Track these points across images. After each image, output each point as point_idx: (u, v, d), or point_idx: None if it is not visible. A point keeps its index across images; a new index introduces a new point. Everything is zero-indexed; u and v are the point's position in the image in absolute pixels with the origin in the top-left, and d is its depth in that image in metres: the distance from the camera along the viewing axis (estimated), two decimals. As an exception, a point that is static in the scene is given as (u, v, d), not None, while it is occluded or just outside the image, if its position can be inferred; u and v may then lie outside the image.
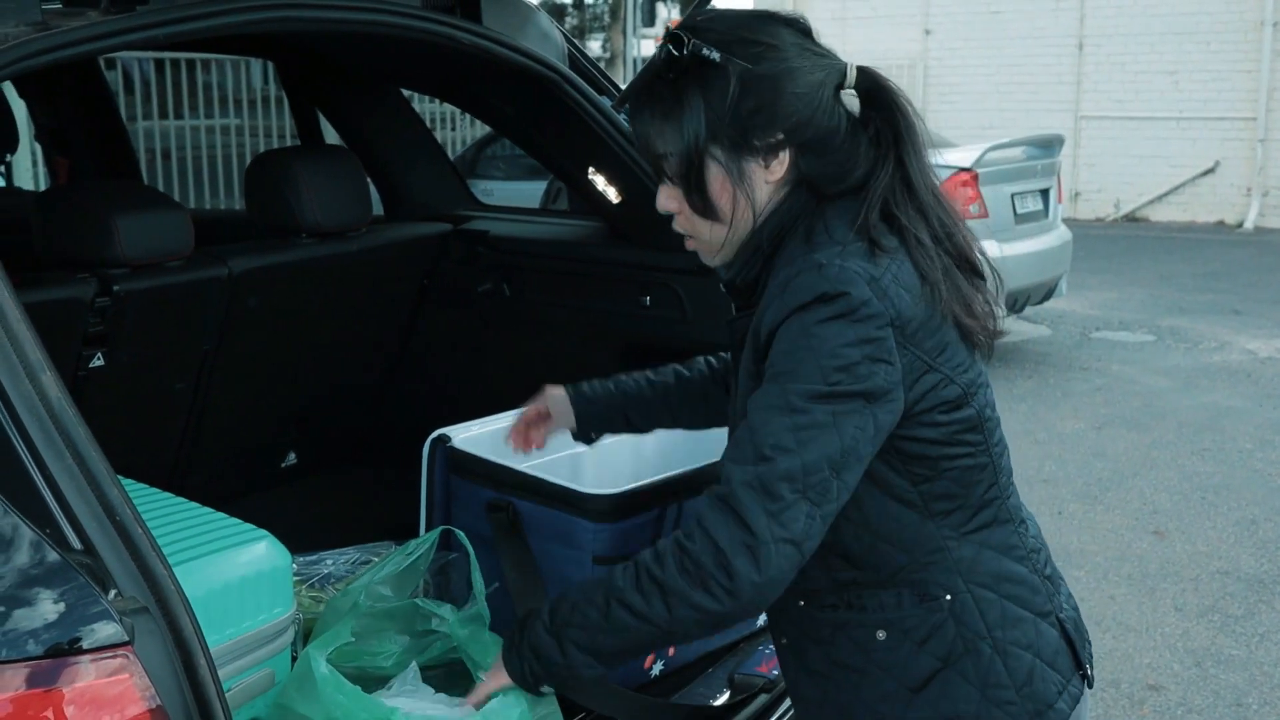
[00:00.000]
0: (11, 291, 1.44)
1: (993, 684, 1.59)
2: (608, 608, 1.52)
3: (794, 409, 1.46)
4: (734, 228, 1.60)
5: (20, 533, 1.31)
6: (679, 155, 1.57)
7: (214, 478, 2.97)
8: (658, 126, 1.58)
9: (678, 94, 1.55)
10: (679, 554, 1.47)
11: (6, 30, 1.74)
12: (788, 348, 1.48)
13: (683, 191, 1.60)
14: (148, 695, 1.30)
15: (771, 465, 1.45)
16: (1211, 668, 3.98)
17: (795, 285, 1.49)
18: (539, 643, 1.59)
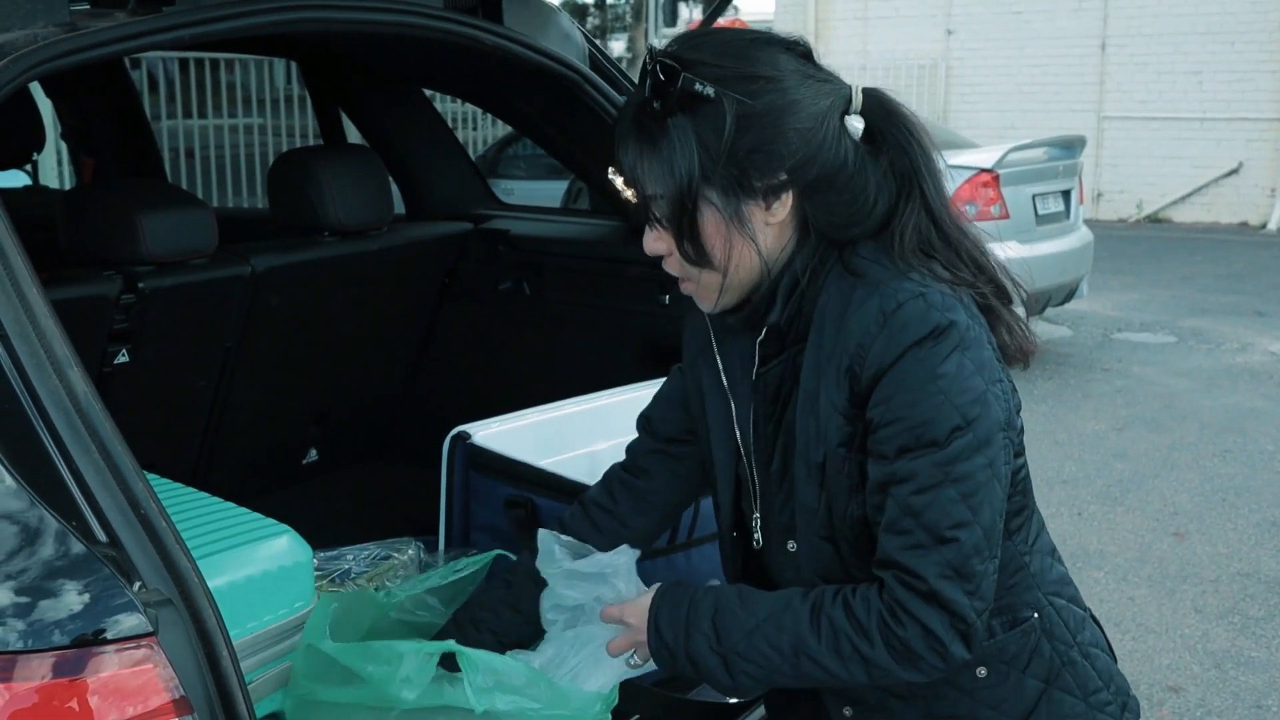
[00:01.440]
0: (39, 288, 1.46)
1: (1091, 690, 1.57)
2: (796, 660, 1.46)
3: (954, 478, 1.38)
4: (730, 275, 1.48)
5: (47, 525, 1.33)
6: (669, 198, 1.44)
7: (236, 474, 3.00)
8: (645, 165, 1.44)
9: (666, 130, 1.42)
10: (887, 634, 1.41)
11: (35, 31, 1.76)
12: (914, 396, 1.38)
13: (673, 237, 1.47)
14: (171, 686, 1.31)
15: (958, 546, 1.38)
16: (1231, 669, 3.97)
17: (903, 317, 1.39)
18: (700, 658, 1.51)
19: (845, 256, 1.47)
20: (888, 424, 1.40)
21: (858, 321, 1.41)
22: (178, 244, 2.54)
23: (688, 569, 2.17)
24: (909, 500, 1.39)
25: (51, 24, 1.80)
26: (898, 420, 1.39)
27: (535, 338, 3.22)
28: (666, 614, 1.54)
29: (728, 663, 1.49)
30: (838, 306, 1.45)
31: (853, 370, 1.42)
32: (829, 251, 1.48)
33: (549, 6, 2.70)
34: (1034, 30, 16.47)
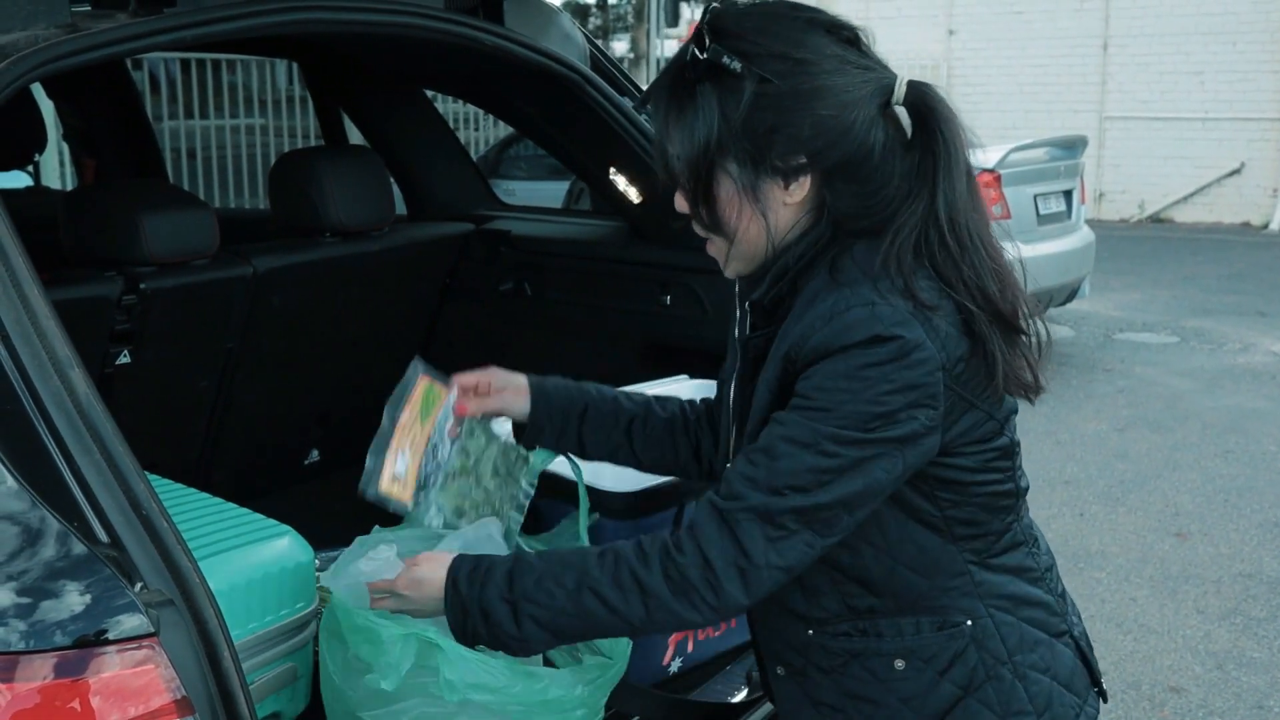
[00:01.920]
0: (41, 289, 1.46)
1: (1014, 710, 1.55)
2: (578, 594, 1.48)
3: (821, 451, 1.41)
4: (737, 245, 1.53)
5: (49, 526, 1.33)
6: (686, 161, 1.49)
7: (237, 474, 3.00)
8: (672, 125, 1.49)
9: (694, 96, 1.46)
10: (666, 561, 1.45)
11: (37, 32, 1.77)
12: (828, 384, 1.41)
13: (689, 200, 1.52)
14: (172, 686, 1.32)
15: (783, 500, 1.42)
16: (1233, 670, 3.97)
17: (846, 321, 1.41)
18: (492, 608, 1.52)
19: (836, 253, 1.48)
20: (800, 395, 1.44)
21: (810, 316, 1.45)
22: (179, 245, 2.55)
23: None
24: (775, 442, 1.44)
25: (53, 25, 1.80)
26: (807, 396, 1.43)
27: (536, 338, 3.22)
28: (465, 570, 1.57)
29: (516, 609, 1.51)
30: (807, 299, 1.48)
31: (789, 355, 1.46)
32: (830, 242, 1.49)
33: (550, 7, 2.71)
34: (1036, 30, 16.47)
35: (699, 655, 2.27)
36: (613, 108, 2.72)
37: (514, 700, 1.65)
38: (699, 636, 2.25)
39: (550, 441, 1.88)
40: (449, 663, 1.63)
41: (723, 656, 2.32)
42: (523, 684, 1.66)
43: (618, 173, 2.92)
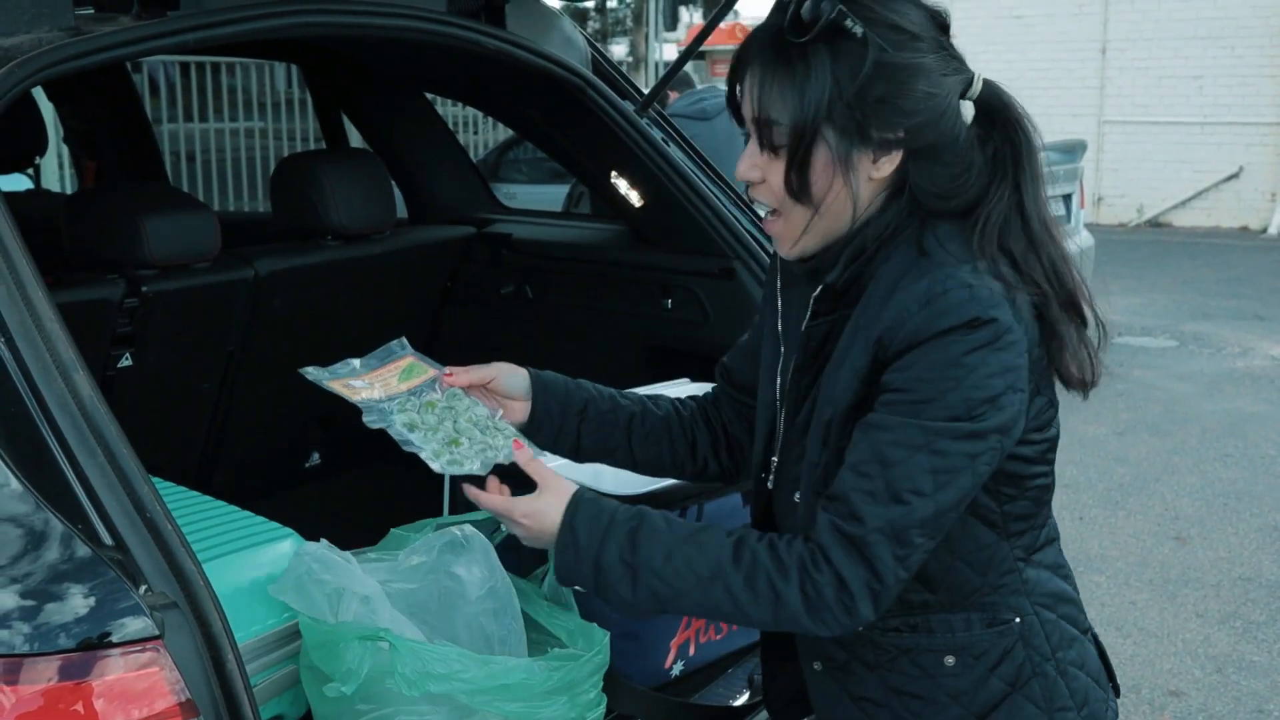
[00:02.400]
0: (45, 292, 1.47)
1: (1058, 706, 1.56)
2: (709, 585, 1.45)
3: (934, 450, 1.39)
4: (820, 218, 1.49)
5: (53, 528, 1.34)
6: (790, 126, 1.44)
7: (238, 477, 3.00)
8: (774, 87, 1.44)
9: (805, 58, 1.42)
10: (804, 577, 1.42)
11: (40, 35, 1.77)
12: (929, 374, 1.39)
13: (784, 165, 1.46)
14: (177, 689, 1.32)
15: (908, 510, 1.39)
16: (1233, 674, 3.97)
17: (946, 303, 1.40)
18: (608, 566, 1.48)
19: (922, 232, 1.48)
20: (896, 389, 1.42)
21: (903, 297, 1.43)
22: (181, 247, 2.55)
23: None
24: (884, 449, 1.41)
25: (56, 28, 1.80)
26: (907, 389, 1.41)
27: (538, 342, 3.22)
28: (586, 515, 1.52)
29: (636, 576, 1.47)
30: (892, 279, 1.46)
31: (882, 340, 1.43)
32: (908, 222, 1.49)
33: (552, 11, 2.71)
34: (1035, 34, 16.49)
35: (701, 658, 2.27)
36: (614, 111, 2.72)
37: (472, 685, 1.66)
38: (700, 640, 2.25)
39: (548, 440, 1.83)
40: (401, 658, 1.65)
41: (724, 659, 2.32)
42: (477, 669, 1.67)
43: (619, 176, 2.92)
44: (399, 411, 1.84)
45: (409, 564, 1.92)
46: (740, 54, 1.50)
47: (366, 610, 1.77)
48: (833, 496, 1.44)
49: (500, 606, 1.91)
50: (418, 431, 1.82)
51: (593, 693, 1.84)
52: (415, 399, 1.86)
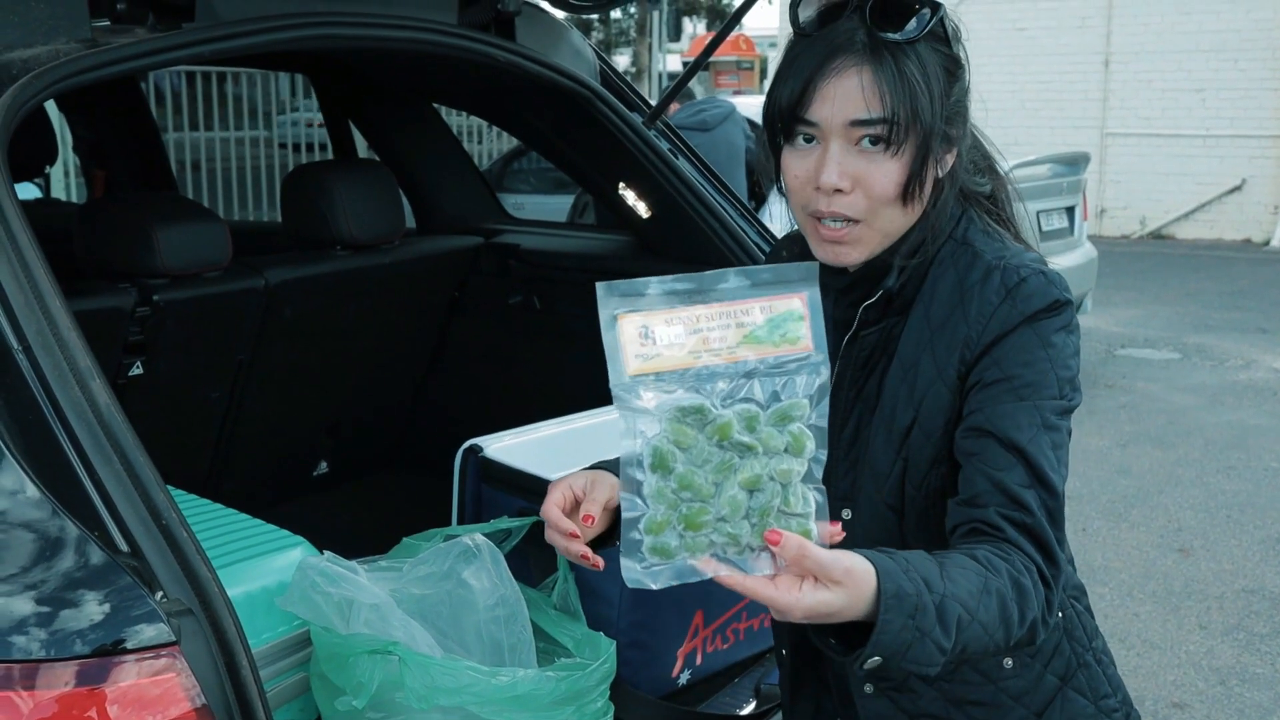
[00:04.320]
0: (62, 301, 1.48)
1: (1102, 695, 1.59)
2: (986, 597, 1.29)
3: (1050, 426, 1.40)
4: (908, 218, 1.47)
5: (70, 535, 1.35)
6: (915, 126, 1.41)
7: (247, 485, 3.01)
8: (892, 91, 1.41)
9: (919, 60, 1.42)
10: (1024, 577, 1.34)
11: (58, 46, 1.79)
12: (1028, 357, 1.41)
13: (901, 167, 1.42)
14: (193, 695, 1.33)
15: (1054, 491, 1.40)
16: (1236, 686, 3.97)
17: (1028, 289, 1.43)
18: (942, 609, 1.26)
19: (965, 228, 1.51)
20: (997, 381, 1.42)
21: (977, 293, 1.45)
22: (192, 257, 2.57)
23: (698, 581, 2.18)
24: (1012, 436, 1.39)
25: (73, 40, 1.82)
26: (1010, 378, 1.41)
27: (545, 352, 3.23)
28: (895, 563, 1.26)
29: (943, 609, 1.26)
30: (953, 278, 1.47)
31: (969, 339, 1.44)
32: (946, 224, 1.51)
33: (561, 24, 2.73)
34: (1038, 47, 16.52)
35: (707, 667, 2.28)
36: (622, 123, 2.74)
37: (481, 697, 1.68)
38: (707, 649, 2.26)
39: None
40: (411, 672, 1.67)
41: (731, 668, 2.33)
42: (486, 681, 1.69)
43: (627, 187, 2.94)
44: (667, 420, 1.24)
45: (420, 571, 1.93)
46: (815, 59, 1.43)
47: (377, 618, 1.78)
48: (982, 496, 1.38)
49: (510, 615, 1.92)
50: (657, 475, 1.23)
51: (600, 702, 1.85)
52: (710, 399, 1.25)
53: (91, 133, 4.25)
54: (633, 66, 22.97)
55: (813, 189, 1.44)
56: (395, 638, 1.74)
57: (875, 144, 1.41)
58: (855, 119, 1.40)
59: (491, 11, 2.50)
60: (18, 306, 1.45)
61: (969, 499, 1.40)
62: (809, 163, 1.44)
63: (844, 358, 1.54)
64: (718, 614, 2.24)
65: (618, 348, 1.23)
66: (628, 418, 1.24)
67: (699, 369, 1.24)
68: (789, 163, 1.47)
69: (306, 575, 1.80)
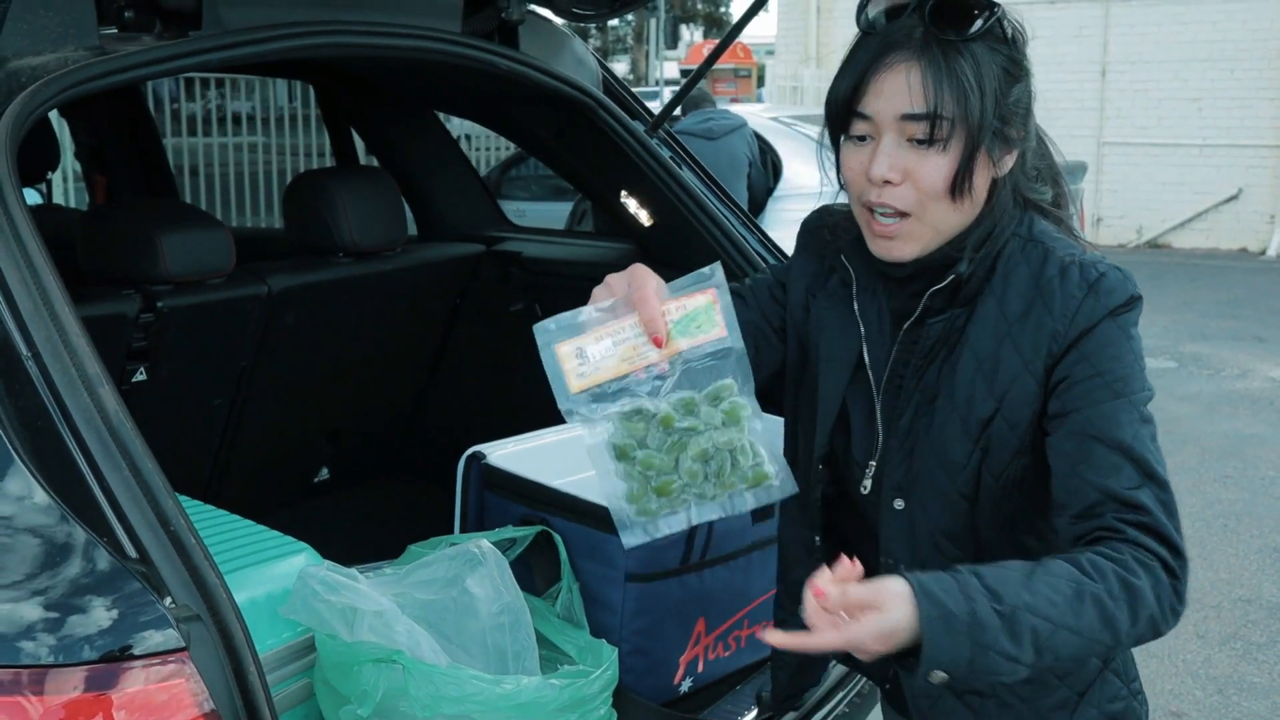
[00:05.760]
0: (71, 307, 1.49)
1: (1130, 678, 1.64)
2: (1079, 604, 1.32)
3: (1145, 419, 1.44)
4: (961, 214, 1.49)
5: (79, 540, 1.35)
6: (965, 122, 1.43)
7: (248, 492, 3.02)
8: (948, 87, 1.43)
9: (974, 58, 1.44)
10: (1144, 570, 1.38)
11: (66, 54, 1.79)
12: (1114, 351, 1.44)
13: (951, 162, 1.44)
14: (201, 701, 1.33)
15: (1163, 482, 1.44)
16: (1234, 695, 3.98)
17: (1107, 284, 1.46)
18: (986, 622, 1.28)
19: (1029, 225, 1.53)
20: (1090, 377, 1.44)
21: (1061, 291, 1.47)
22: (196, 264, 2.57)
23: (700, 589, 2.20)
24: (1113, 433, 1.42)
25: (81, 48, 1.83)
26: (1102, 373, 1.44)
27: (546, 359, 3.24)
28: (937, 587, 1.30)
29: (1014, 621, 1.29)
30: (1024, 277, 1.50)
31: (1055, 332, 1.46)
32: (1008, 221, 1.53)
33: (563, 32, 2.74)
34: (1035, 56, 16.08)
35: (709, 675, 2.28)
36: (625, 131, 2.75)
37: (484, 706, 1.69)
38: (709, 656, 2.27)
39: None
40: (415, 681, 1.67)
41: (733, 676, 2.33)
42: (490, 689, 1.70)
43: (629, 195, 2.95)
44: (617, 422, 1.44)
45: (425, 577, 1.94)
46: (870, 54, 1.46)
47: (381, 624, 1.79)
48: (1095, 507, 1.41)
49: (513, 622, 1.93)
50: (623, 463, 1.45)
51: (603, 709, 1.86)
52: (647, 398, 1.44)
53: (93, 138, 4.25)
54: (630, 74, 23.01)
55: (866, 180, 1.48)
56: (399, 644, 1.75)
57: (923, 141, 1.44)
58: (904, 113, 1.43)
59: (495, 20, 2.51)
60: (26, 313, 1.45)
61: (1083, 512, 1.42)
62: (864, 155, 1.48)
63: (902, 345, 1.57)
64: (719, 622, 2.25)
65: (559, 372, 1.44)
66: (585, 426, 1.43)
67: (632, 375, 1.42)
68: (846, 156, 1.51)
69: (307, 583, 1.80)
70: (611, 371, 1.42)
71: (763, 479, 1.45)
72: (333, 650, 1.76)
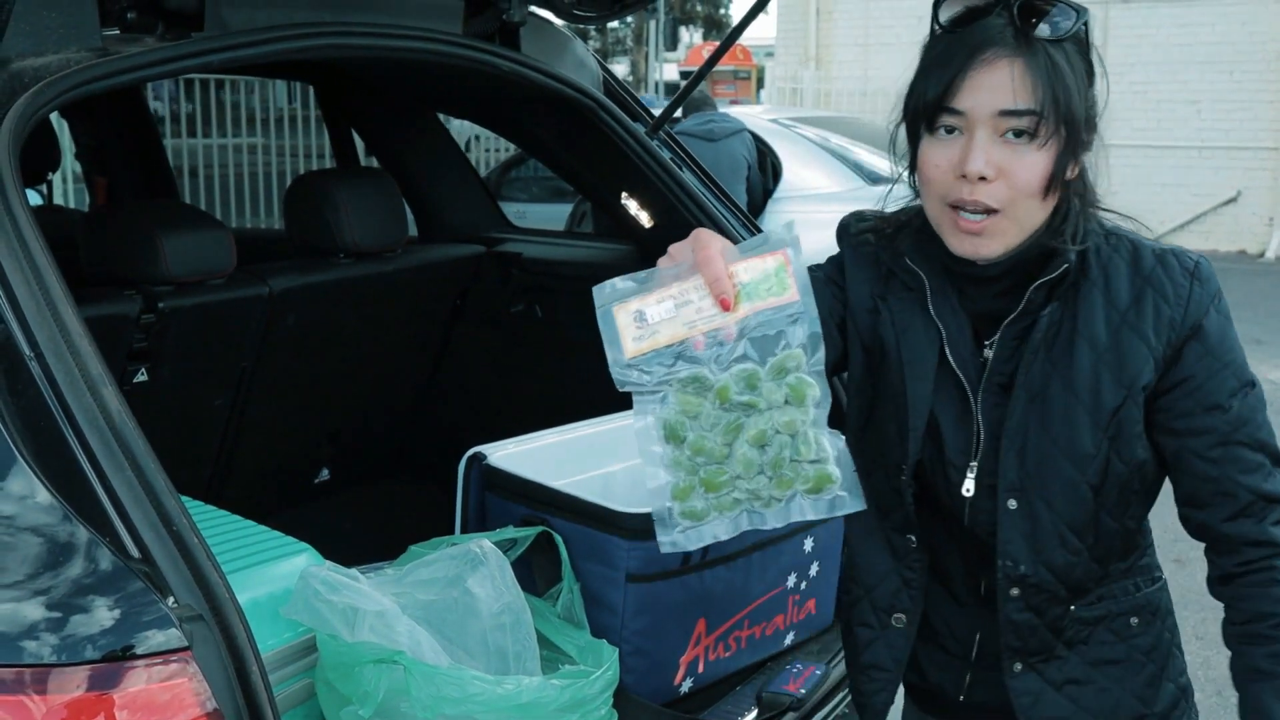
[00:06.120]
0: (74, 308, 1.49)
1: (1181, 650, 1.72)
2: None
3: (1263, 403, 1.53)
4: (1049, 212, 1.49)
5: (82, 540, 1.35)
6: (1064, 119, 1.44)
7: (249, 492, 3.02)
8: (1044, 85, 1.43)
9: (1067, 59, 1.45)
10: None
11: (69, 55, 1.80)
12: (1230, 343, 1.51)
13: (1047, 157, 1.45)
14: (204, 700, 1.34)
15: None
16: (1232, 696, 3.95)
17: (1204, 273, 1.51)
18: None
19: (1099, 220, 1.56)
20: (1218, 371, 1.51)
21: (1168, 279, 1.51)
22: (197, 264, 2.57)
23: (700, 589, 2.20)
24: (1256, 435, 1.51)
25: (84, 48, 1.83)
26: (1228, 364, 1.51)
27: (547, 360, 3.25)
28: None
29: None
30: (1123, 267, 1.52)
31: (1173, 320, 1.50)
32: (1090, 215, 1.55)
33: (565, 34, 2.75)
34: (1034, 58, 16.54)
35: (709, 675, 2.29)
36: (625, 133, 2.76)
37: (485, 706, 1.70)
38: (710, 657, 2.27)
39: None
40: (416, 681, 1.68)
41: (733, 677, 2.34)
42: (490, 690, 1.70)
43: (629, 197, 2.96)
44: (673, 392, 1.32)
45: (426, 577, 1.95)
46: (964, 51, 1.46)
47: (382, 625, 1.79)
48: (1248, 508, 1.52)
49: (514, 622, 1.94)
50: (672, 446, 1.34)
51: (603, 709, 1.87)
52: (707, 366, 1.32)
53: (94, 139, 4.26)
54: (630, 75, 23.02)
55: (954, 178, 1.45)
56: (400, 645, 1.75)
57: (1019, 136, 1.43)
58: (1004, 109, 1.42)
59: (496, 22, 2.52)
60: (29, 313, 1.46)
61: (1235, 513, 1.53)
62: (951, 152, 1.46)
63: (1002, 342, 1.55)
64: (720, 622, 2.26)
65: (615, 334, 1.32)
66: (635, 399, 1.30)
67: (692, 339, 1.29)
68: (929, 152, 1.48)
69: (308, 584, 1.81)
70: (671, 335, 1.31)
71: (825, 483, 1.33)
72: (334, 650, 1.77)
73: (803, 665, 2.32)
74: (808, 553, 2.39)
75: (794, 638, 2.45)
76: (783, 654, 2.42)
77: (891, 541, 1.68)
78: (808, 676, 2.27)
